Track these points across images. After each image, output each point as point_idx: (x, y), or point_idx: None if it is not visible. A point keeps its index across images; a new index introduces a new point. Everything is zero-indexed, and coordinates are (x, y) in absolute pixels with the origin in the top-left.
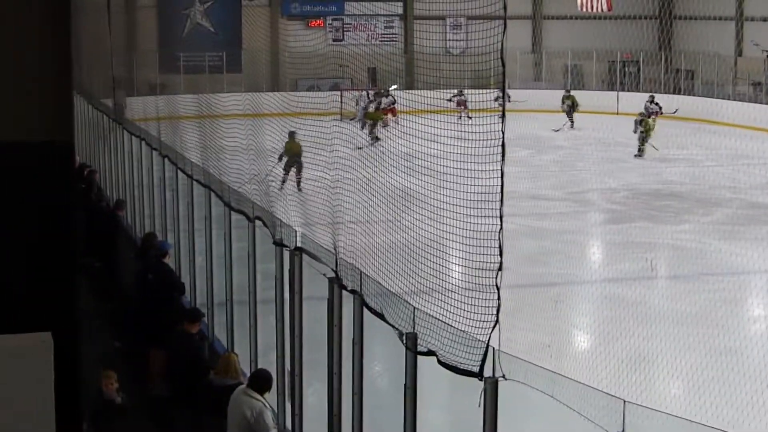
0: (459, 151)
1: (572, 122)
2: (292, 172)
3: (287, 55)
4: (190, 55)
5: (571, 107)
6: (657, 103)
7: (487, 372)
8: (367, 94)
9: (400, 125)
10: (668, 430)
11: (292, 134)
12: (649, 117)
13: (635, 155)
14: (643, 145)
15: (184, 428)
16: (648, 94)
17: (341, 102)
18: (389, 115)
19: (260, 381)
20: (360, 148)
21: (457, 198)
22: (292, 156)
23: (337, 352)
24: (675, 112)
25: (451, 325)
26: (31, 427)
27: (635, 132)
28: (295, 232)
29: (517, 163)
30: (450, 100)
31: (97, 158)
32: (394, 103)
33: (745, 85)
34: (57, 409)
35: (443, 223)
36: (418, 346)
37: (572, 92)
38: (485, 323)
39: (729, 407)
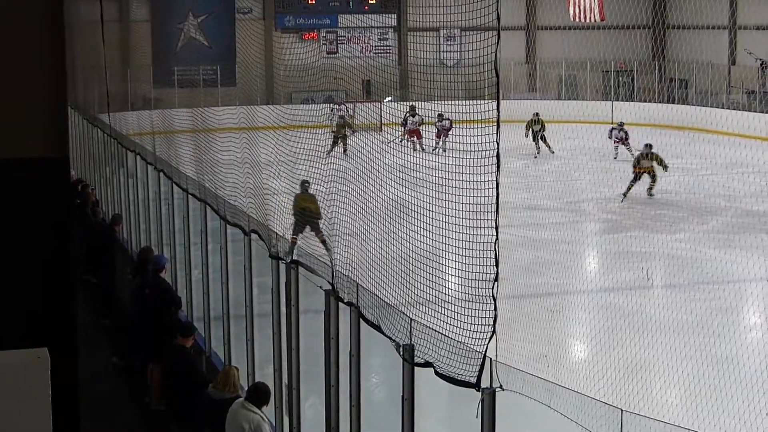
0: (454, 162)
1: (548, 146)
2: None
3: (281, 69)
4: (184, 69)
5: (540, 131)
6: (626, 131)
7: (485, 383)
8: (346, 108)
9: (396, 136)
10: None
11: (304, 185)
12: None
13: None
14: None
15: None
16: (617, 122)
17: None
18: (414, 137)
19: (259, 394)
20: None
21: (452, 209)
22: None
23: (334, 365)
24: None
25: (448, 336)
26: None
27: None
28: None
29: (513, 174)
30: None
31: (93, 173)
32: (420, 123)
33: (739, 93)
34: (54, 425)
35: (439, 235)
36: (416, 358)
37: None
38: (482, 334)
39: (726, 415)
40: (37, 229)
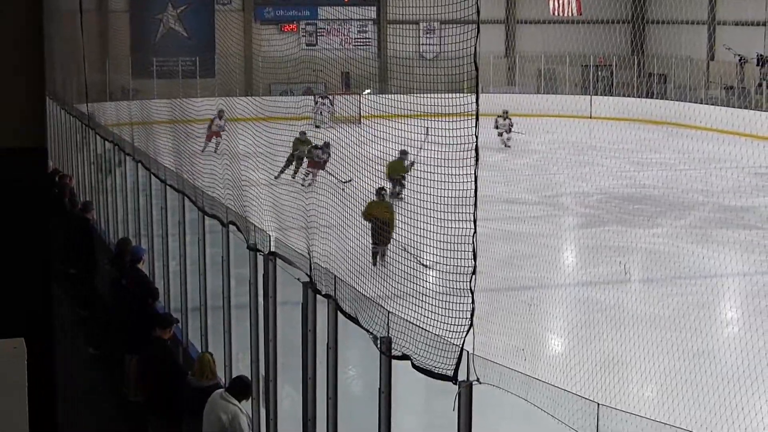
0: (432, 155)
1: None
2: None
3: (260, 60)
4: (163, 60)
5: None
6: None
7: (462, 376)
8: (329, 101)
9: (375, 129)
10: None
11: (380, 191)
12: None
13: None
14: None
15: None
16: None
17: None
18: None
19: (240, 387)
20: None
21: (431, 202)
22: (377, 222)
23: (311, 357)
24: None
25: (426, 329)
26: None
27: None
28: (269, 236)
29: (491, 167)
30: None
31: (71, 163)
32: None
33: (718, 89)
34: (30, 415)
35: (417, 227)
36: (393, 350)
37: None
38: (459, 327)
39: (702, 409)
40: (14, 220)
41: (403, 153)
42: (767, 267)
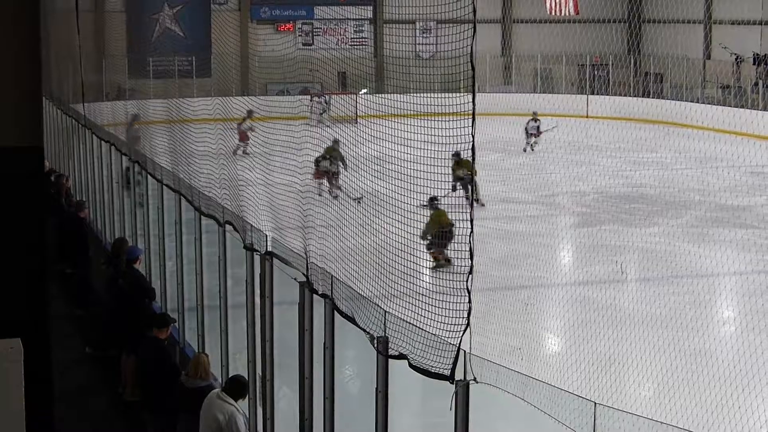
0: (430, 155)
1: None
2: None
3: (257, 60)
4: (159, 60)
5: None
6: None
7: (459, 375)
8: (325, 100)
9: (371, 129)
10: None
11: (433, 201)
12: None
13: None
14: None
15: None
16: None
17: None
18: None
19: (237, 387)
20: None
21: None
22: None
23: (308, 357)
24: None
25: (423, 329)
26: None
27: None
28: (266, 236)
29: (488, 167)
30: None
31: (67, 163)
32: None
33: (714, 88)
34: (27, 414)
35: (414, 227)
36: (390, 350)
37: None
38: (456, 326)
39: (699, 408)
40: (10, 219)
41: (456, 155)
42: (763, 266)
